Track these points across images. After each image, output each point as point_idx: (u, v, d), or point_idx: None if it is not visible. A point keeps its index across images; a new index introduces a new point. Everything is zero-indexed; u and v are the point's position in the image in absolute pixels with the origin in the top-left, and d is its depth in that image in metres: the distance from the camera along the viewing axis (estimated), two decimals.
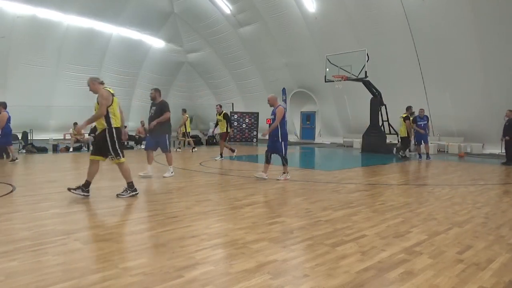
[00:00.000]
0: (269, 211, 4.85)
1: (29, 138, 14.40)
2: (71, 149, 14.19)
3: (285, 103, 21.15)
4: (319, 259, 3.09)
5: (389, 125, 15.28)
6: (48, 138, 17.04)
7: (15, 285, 2.50)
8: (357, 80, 14.46)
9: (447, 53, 14.52)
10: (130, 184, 5.62)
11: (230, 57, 23.44)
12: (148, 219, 4.36)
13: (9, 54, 17.33)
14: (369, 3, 15.72)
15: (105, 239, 3.55)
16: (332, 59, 15.15)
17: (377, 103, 14.80)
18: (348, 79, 14.37)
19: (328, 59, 15.25)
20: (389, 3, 15.14)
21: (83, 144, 14.72)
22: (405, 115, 12.61)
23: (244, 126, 21.57)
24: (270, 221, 4.31)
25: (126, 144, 16.71)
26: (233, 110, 23.26)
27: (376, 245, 3.47)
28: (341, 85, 14.98)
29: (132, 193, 5.60)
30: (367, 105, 15.14)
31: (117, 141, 5.44)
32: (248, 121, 21.64)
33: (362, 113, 16.95)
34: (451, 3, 13.75)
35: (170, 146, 7.89)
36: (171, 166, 7.84)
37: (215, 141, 19.34)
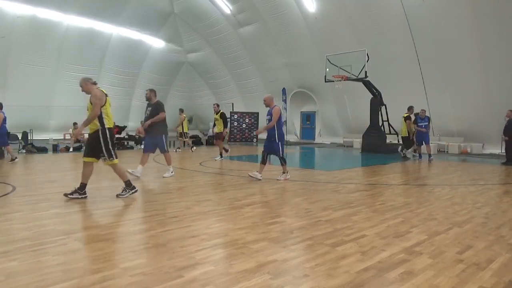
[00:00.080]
0: (269, 211, 4.85)
1: (29, 138, 14.41)
2: (71, 149, 14.21)
3: (285, 103, 21.13)
4: (319, 259, 3.09)
5: (389, 125, 15.28)
6: (48, 138, 17.05)
7: (15, 285, 2.50)
8: (357, 80, 14.46)
9: (447, 53, 14.52)
10: (127, 183, 5.61)
11: (230, 57, 23.44)
12: (148, 219, 4.36)
13: (9, 54, 17.32)
14: (369, 3, 15.72)
15: (105, 239, 3.55)
16: (332, 59, 15.15)
17: (377, 103, 14.80)
18: (348, 79, 14.37)
19: (328, 59, 15.25)
20: (389, 3, 15.14)
21: (83, 144, 14.71)
22: (406, 115, 12.59)
23: (244, 126, 21.58)
24: (270, 221, 4.31)
25: (126, 144, 16.74)
26: (233, 110, 23.25)
27: (376, 245, 3.47)
28: (341, 85, 14.98)
29: (131, 192, 5.60)
30: (367, 105, 15.15)
31: (110, 141, 5.40)
32: (248, 121, 21.64)
33: (362, 113, 16.95)
34: (451, 3, 13.75)
35: (167, 146, 7.87)
36: (170, 165, 7.84)
37: (215, 141, 19.32)
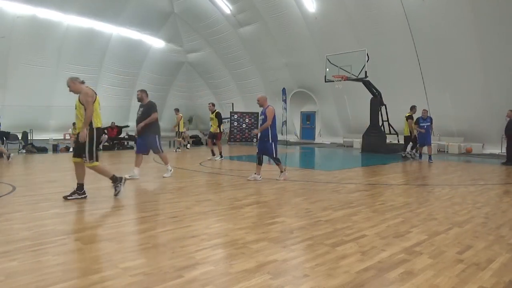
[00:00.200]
0: (269, 211, 4.84)
1: (29, 138, 14.41)
2: (71, 149, 14.18)
3: (285, 103, 21.14)
4: (319, 259, 3.09)
5: (389, 125, 15.28)
6: (48, 138, 17.06)
7: (15, 285, 2.50)
8: (357, 80, 14.46)
9: (447, 53, 14.52)
10: (113, 178, 5.51)
11: (230, 57, 23.45)
12: (148, 219, 4.36)
13: (9, 54, 17.33)
14: (369, 3, 15.72)
15: (105, 239, 3.55)
16: (332, 59, 15.15)
17: (377, 103, 14.79)
18: (348, 79, 14.37)
19: (328, 59, 15.25)
20: (389, 3, 15.14)
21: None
22: (408, 114, 12.52)
23: (244, 126, 21.58)
24: (270, 221, 4.31)
25: (126, 144, 16.73)
26: (233, 110, 23.25)
27: (376, 245, 3.47)
28: (341, 85, 14.98)
29: (122, 183, 5.54)
30: (367, 105, 15.15)
31: (95, 142, 5.32)
32: (248, 121, 21.64)
33: (362, 113, 16.95)
34: (451, 3, 13.75)
35: (161, 146, 7.70)
36: (168, 164, 7.80)
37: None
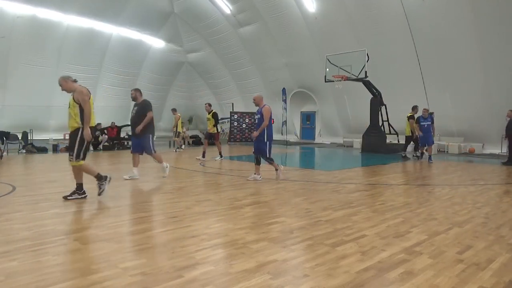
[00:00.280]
0: (269, 211, 4.84)
1: (29, 138, 14.40)
2: None
3: (285, 103, 21.15)
4: (319, 259, 3.09)
5: (389, 125, 15.27)
6: (48, 138, 17.03)
7: (15, 285, 2.50)
8: (357, 80, 14.46)
9: (447, 53, 14.52)
10: (98, 176, 5.43)
11: (230, 57, 23.44)
12: (148, 219, 4.36)
13: (9, 54, 17.32)
14: (369, 3, 15.72)
15: (105, 239, 3.55)
16: (332, 59, 15.15)
17: (377, 103, 14.79)
18: (348, 79, 14.37)
19: (328, 59, 15.25)
20: (389, 3, 15.14)
21: None
22: (410, 114, 12.43)
23: (244, 126, 21.57)
24: (270, 221, 4.31)
25: (126, 144, 16.72)
26: (233, 110, 23.25)
27: (376, 245, 3.47)
28: (341, 85, 14.98)
29: (107, 182, 5.44)
30: (367, 105, 15.14)
31: (86, 143, 5.28)
32: (248, 121, 21.63)
33: (362, 113, 16.94)
34: (451, 3, 13.75)
35: (154, 146, 7.57)
36: (163, 163, 7.69)
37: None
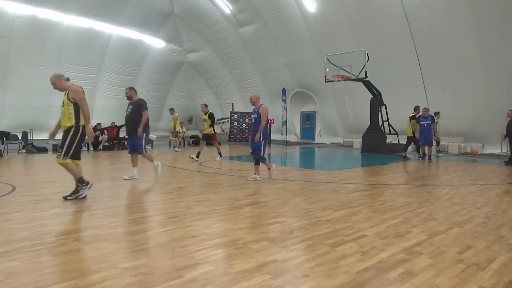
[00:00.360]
0: (269, 211, 4.84)
1: (29, 138, 14.40)
2: None
3: (285, 103, 21.15)
4: (319, 259, 3.09)
5: (389, 125, 15.28)
6: (48, 138, 17.04)
7: (15, 285, 2.50)
8: (357, 80, 14.46)
9: (447, 53, 14.52)
10: (81, 179, 5.31)
11: (230, 57, 23.45)
12: (148, 219, 4.36)
13: (9, 54, 17.33)
14: (369, 3, 15.72)
15: (105, 239, 3.55)
16: (332, 59, 15.15)
17: (377, 103, 14.79)
18: (348, 79, 14.37)
19: (328, 59, 15.24)
20: (389, 3, 15.14)
21: (83, 144, 14.71)
22: (411, 115, 12.38)
23: (244, 126, 21.56)
24: (270, 221, 4.31)
25: (126, 144, 16.73)
26: (233, 110, 23.25)
27: (376, 245, 3.47)
28: (341, 85, 14.98)
29: (86, 187, 5.30)
30: (367, 105, 15.14)
31: (77, 141, 5.21)
32: (248, 121, 21.62)
33: (362, 113, 16.94)
34: (451, 3, 13.75)
35: (145, 146, 7.48)
36: (154, 161, 7.59)
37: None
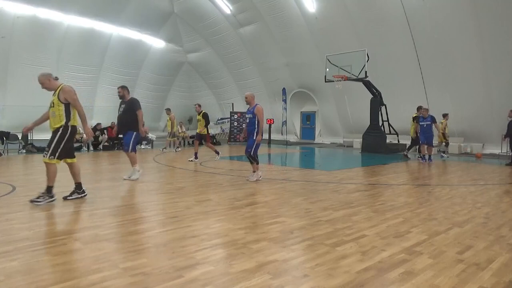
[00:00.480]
0: (269, 211, 4.84)
1: (29, 138, 14.39)
2: None
3: (285, 103, 21.14)
4: (319, 259, 3.08)
5: (389, 125, 15.27)
6: (48, 138, 17.04)
7: (15, 285, 2.49)
8: (357, 80, 14.46)
9: (447, 53, 14.52)
10: (49, 188, 5.09)
11: (230, 57, 23.45)
12: (148, 219, 4.36)
13: (10, 54, 17.35)
14: (370, 3, 15.73)
15: (105, 239, 3.55)
16: (332, 59, 15.15)
17: (377, 103, 14.79)
18: (348, 79, 14.37)
19: (328, 59, 15.25)
20: (389, 3, 15.15)
21: (83, 144, 14.73)
22: (415, 115, 12.29)
23: (244, 126, 21.56)
24: (270, 221, 4.30)
25: None
26: (233, 110, 23.25)
27: (376, 245, 3.47)
28: (341, 85, 14.98)
29: (49, 200, 5.00)
30: (367, 105, 15.14)
31: (65, 141, 5.11)
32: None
33: (362, 113, 16.95)
34: (451, 3, 13.76)
35: (134, 145, 7.25)
36: (135, 165, 7.25)
37: (215, 141, 19.38)
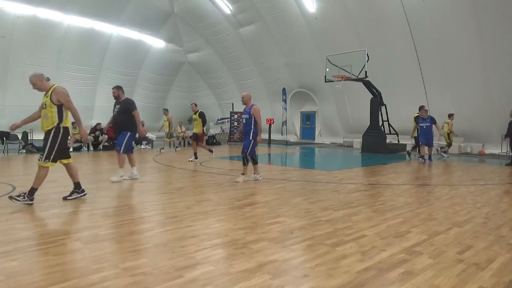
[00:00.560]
0: (269, 211, 4.84)
1: (29, 138, 14.40)
2: (71, 149, 14.20)
3: (285, 103, 21.14)
4: (319, 259, 3.09)
5: (389, 125, 15.28)
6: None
7: (15, 285, 2.49)
8: (357, 80, 14.46)
9: (447, 53, 14.52)
10: (32, 191, 5.00)
11: (230, 57, 23.45)
12: (148, 219, 4.36)
13: (10, 54, 17.35)
14: (370, 3, 15.73)
15: (105, 239, 3.55)
16: (332, 59, 15.15)
17: (377, 103, 14.80)
18: (348, 79, 14.38)
19: (328, 59, 15.25)
20: (390, 3, 15.15)
21: (83, 144, 14.73)
22: (416, 115, 12.09)
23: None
24: (270, 221, 4.30)
25: None
26: (233, 110, 23.25)
27: (376, 245, 3.47)
28: (341, 85, 14.98)
29: (27, 201, 4.92)
30: (367, 105, 15.15)
31: (59, 142, 5.03)
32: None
33: (362, 113, 16.95)
34: (452, 3, 13.76)
35: (126, 147, 7.11)
36: (121, 168, 7.10)
37: (215, 141, 19.36)
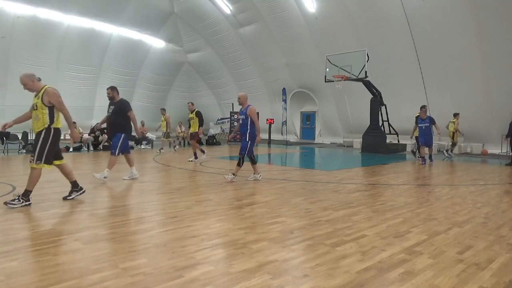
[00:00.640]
0: (269, 211, 4.84)
1: (29, 138, 14.40)
2: (71, 149, 14.19)
3: (285, 103, 21.15)
4: (319, 259, 3.09)
5: (389, 125, 15.28)
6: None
7: (15, 285, 2.49)
8: (357, 80, 14.47)
9: (447, 53, 14.53)
10: (27, 193, 4.91)
11: (230, 57, 23.45)
12: (148, 219, 4.36)
13: (10, 54, 17.35)
14: (370, 3, 15.73)
15: (105, 239, 3.55)
16: (332, 59, 15.16)
17: (377, 103, 14.80)
18: (348, 79, 14.38)
19: (328, 59, 15.26)
20: (390, 3, 15.15)
21: (83, 144, 14.74)
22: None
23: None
24: (270, 221, 4.30)
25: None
26: (233, 110, 23.25)
27: (376, 245, 3.47)
28: (341, 85, 14.99)
29: (24, 203, 4.84)
30: (367, 105, 15.15)
31: (50, 143, 4.94)
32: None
33: (362, 113, 16.95)
34: (451, 3, 13.76)
35: (120, 149, 7.01)
36: (108, 170, 6.98)
37: (215, 141, 19.36)
